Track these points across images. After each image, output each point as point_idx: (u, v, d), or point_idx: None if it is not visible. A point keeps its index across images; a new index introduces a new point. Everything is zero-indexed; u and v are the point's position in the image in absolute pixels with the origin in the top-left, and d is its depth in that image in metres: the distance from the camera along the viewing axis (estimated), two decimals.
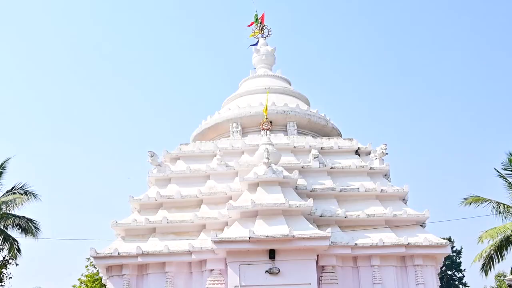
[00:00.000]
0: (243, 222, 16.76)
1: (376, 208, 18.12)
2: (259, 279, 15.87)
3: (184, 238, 17.38)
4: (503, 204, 26.07)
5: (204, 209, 18.09)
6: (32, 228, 26.24)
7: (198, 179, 19.18)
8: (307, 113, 22.23)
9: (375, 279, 16.77)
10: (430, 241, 17.07)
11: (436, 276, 17.46)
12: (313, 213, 17.37)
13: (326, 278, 16.47)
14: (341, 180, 18.97)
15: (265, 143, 18.63)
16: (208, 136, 22.68)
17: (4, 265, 26.42)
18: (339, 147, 20.22)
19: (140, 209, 18.70)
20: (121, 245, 17.50)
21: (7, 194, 26.74)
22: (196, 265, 17.04)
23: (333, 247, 16.52)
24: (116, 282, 17.10)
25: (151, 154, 19.56)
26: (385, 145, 19.76)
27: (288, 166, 18.84)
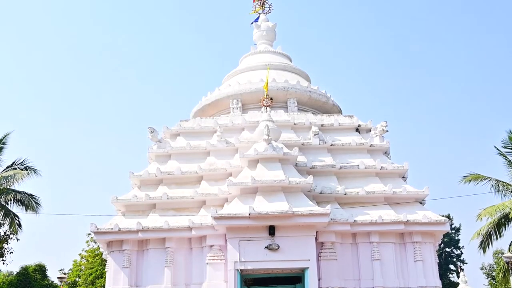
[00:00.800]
0: (243, 198, 16.80)
1: (376, 185, 18.16)
2: (258, 255, 15.96)
3: (184, 214, 17.45)
4: (503, 182, 26.19)
5: (204, 185, 18.13)
6: (32, 204, 26.39)
7: (198, 156, 19.19)
8: (308, 90, 22.15)
9: (374, 255, 16.88)
10: (429, 218, 17.14)
11: (434, 253, 17.57)
12: (313, 190, 17.41)
13: (325, 254, 16.57)
14: (341, 157, 18.98)
15: (266, 120, 18.60)
16: (208, 112, 22.64)
17: (5, 240, 26.62)
18: (340, 124, 20.19)
19: (140, 185, 18.74)
20: (121, 220, 17.57)
21: (7, 169, 26.83)
22: (196, 241, 17.13)
23: (333, 223, 16.59)
24: (116, 258, 17.20)
25: (151, 130, 19.54)
26: (386, 122, 19.72)
27: (288, 143, 18.84)
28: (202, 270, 16.70)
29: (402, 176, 19.07)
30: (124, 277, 16.89)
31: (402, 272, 17.02)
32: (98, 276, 36.99)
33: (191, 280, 16.82)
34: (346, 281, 16.60)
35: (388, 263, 16.92)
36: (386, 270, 16.81)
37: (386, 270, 16.80)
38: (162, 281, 16.69)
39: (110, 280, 17.16)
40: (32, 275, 34.41)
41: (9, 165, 27.02)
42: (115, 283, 16.96)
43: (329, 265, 16.47)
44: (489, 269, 51.70)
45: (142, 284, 16.92)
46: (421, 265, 16.99)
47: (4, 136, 27.47)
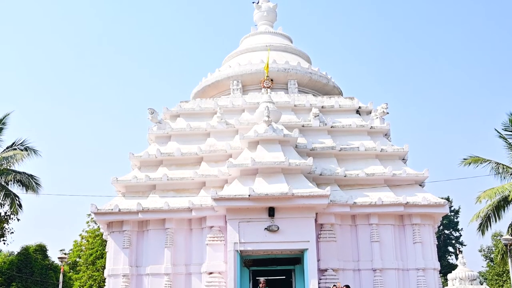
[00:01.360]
0: (243, 180, 16.81)
1: (376, 167, 18.16)
2: (258, 236, 16.01)
3: (184, 195, 17.47)
4: (502, 165, 26.13)
5: (204, 166, 18.13)
6: (33, 184, 26.37)
7: (198, 137, 19.17)
8: (308, 71, 22.05)
9: (373, 237, 16.94)
10: (428, 200, 17.17)
11: (433, 235, 17.63)
12: (313, 172, 17.41)
13: (324, 236, 16.63)
14: (341, 139, 18.96)
15: (266, 101, 18.54)
16: (208, 93, 22.56)
17: (6, 220, 26.67)
18: (340, 106, 20.13)
19: (140, 166, 18.74)
20: (121, 201, 17.60)
21: (7, 149, 26.77)
22: (196, 222, 17.18)
23: (332, 205, 16.62)
24: (116, 238, 17.27)
25: (151, 111, 19.48)
26: (386, 104, 19.66)
27: (289, 124, 18.80)
28: (202, 251, 16.78)
29: (402, 158, 19.07)
30: (124, 257, 16.98)
31: (401, 253, 17.10)
32: (99, 256, 37.16)
33: (191, 260, 16.91)
34: (345, 263, 16.68)
35: (387, 244, 16.99)
36: (385, 251, 16.89)
37: (385, 252, 16.88)
38: (162, 262, 16.78)
39: (110, 260, 17.26)
40: (33, 255, 34.58)
41: (9, 146, 26.95)
42: (115, 263, 17.05)
43: (329, 246, 16.54)
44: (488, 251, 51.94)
45: (142, 265, 17.01)
46: (420, 247, 17.07)
47: (4, 116, 27.35)
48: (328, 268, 16.34)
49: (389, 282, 16.62)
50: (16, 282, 32.29)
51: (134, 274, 16.94)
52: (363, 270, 16.77)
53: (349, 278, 16.36)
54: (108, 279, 17.16)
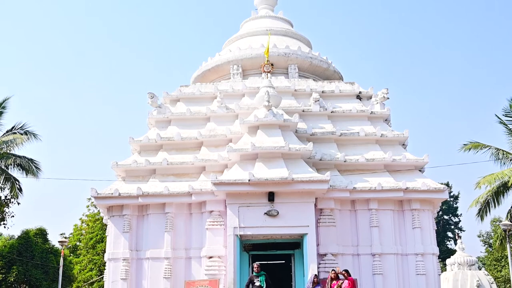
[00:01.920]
0: (242, 164, 16.82)
1: (376, 152, 18.16)
2: (258, 221, 16.06)
3: (184, 179, 17.48)
4: (502, 151, 26.13)
5: (204, 151, 18.12)
6: (33, 168, 26.40)
7: (198, 121, 19.14)
8: (309, 56, 21.96)
9: (372, 222, 16.98)
10: (428, 186, 17.18)
11: (432, 220, 17.67)
12: (313, 157, 17.41)
13: (324, 220, 16.67)
14: (342, 124, 18.93)
15: (266, 86, 18.48)
16: (209, 78, 22.49)
17: (6, 204, 26.72)
18: (340, 91, 20.08)
19: (140, 151, 18.74)
20: (121, 185, 17.62)
21: (7, 133, 26.76)
22: (196, 206, 17.21)
23: (332, 190, 16.64)
24: (117, 222, 17.32)
25: (151, 95, 19.42)
26: (387, 89, 19.60)
27: (289, 109, 18.76)
28: (202, 235, 16.84)
29: (402, 143, 19.06)
30: (124, 241, 17.04)
31: (400, 238, 17.15)
32: (99, 240, 37.29)
33: (190, 245, 16.97)
34: (345, 247, 16.73)
35: (387, 229, 17.04)
36: (385, 236, 16.94)
37: (384, 237, 16.93)
38: (162, 246, 16.84)
39: (110, 244, 17.32)
40: (33, 239, 34.63)
41: (9, 130, 26.93)
42: (115, 247, 17.12)
43: (328, 231, 16.58)
44: (487, 237, 52.14)
45: (142, 249, 17.07)
46: (419, 232, 17.12)
47: (4, 100, 27.30)
48: (327, 252, 16.40)
49: (388, 267, 16.68)
50: (16, 266, 32.38)
51: (134, 258, 17.00)
52: (362, 255, 16.84)
53: (348, 263, 16.42)
54: (108, 263, 17.24)
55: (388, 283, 16.56)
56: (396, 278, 16.66)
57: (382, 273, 16.58)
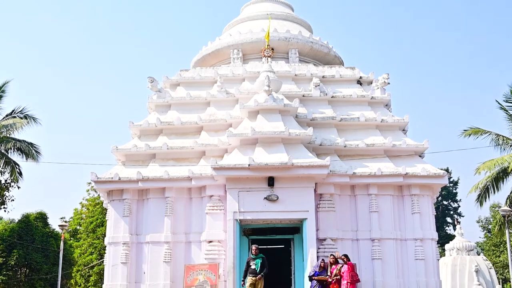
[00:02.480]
0: (242, 149, 16.80)
1: (376, 137, 18.13)
2: (257, 206, 16.09)
3: (184, 164, 17.48)
4: (502, 136, 26.12)
5: (204, 136, 18.10)
6: (32, 152, 26.40)
7: (198, 106, 19.09)
8: (309, 41, 21.85)
9: (372, 207, 17.00)
10: (427, 171, 17.18)
11: (432, 205, 17.69)
12: (313, 142, 17.39)
13: (323, 205, 16.69)
14: (342, 109, 18.88)
15: (266, 71, 18.41)
16: (209, 62, 22.39)
17: (6, 188, 26.75)
18: (341, 76, 20.00)
19: (140, 135, 18.71)
20: (121, 170, 17.62)
21: (6, 117, 26.73)
22: (196, 191, 17.23)
23: (332, 175, 16.64)
24: (117, 206, 17.34)
25: (151, 79, 19.35)
26: (387, 74, 19.52)
27: (289, 94, 18.71)
28: (202, 219, 16.87)
29: (403, 129, 19.02)
30: (124, 225, 17.07)
31: (400, 224, 17.18)
32: (99, 224, 37.38)
33: (190, 229, 17.01)
34: (344, 232, 16.77)
35: (386, 215, 17.06)
36: (384, 221, 16.97)
37: (383, 222, 16.96)
38: (162, 230, 16.88)
39: (110, 228, 17.36)
40: (34, 223, 34.76)
41: (8, 114, 26.89)
42: (115, 232, 17.16)
43: (328, 216, 16.61)
44: (485, 222, 52.33)
45: (142, 233, 17.12)
46: (418, 218, 17.14)
47: (3, 84, 27.22)
48: (326, 237, 16.44)
49: (387, 251, 16.73)
50: (17, 249, 32.55)
51: (134, 242, 17.05)
52: (361, 239, 16.87)
53: (348, 248, 16.47)
54: (108, 247, 17.29)
55: (387, 267, 16.62)
56: (395, 263, 16.71)
57: (381, 258, 16.63)
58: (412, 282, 16.64)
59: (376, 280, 16.42)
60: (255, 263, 15.00)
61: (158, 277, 16.61)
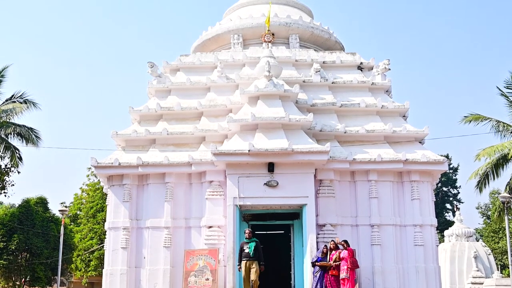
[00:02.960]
0: (242, 135, 16.79)
1: (376, 124, 18.10)
2: (257, 191, 16.10)
3: (184, 149, 17.48)
4: (503, 123, 26.12)
5: (204, 121, 18.08)
6: (32, 137, 26.40)
7: (198, 91, 19.04)
8: (310, 26, 21.75)
9: (372, 193, 17.01)
10: (427, 157, 17.17)
11: (431, 191, 17.70)
12: (313, 128, 17.36)
13: (323, 191, 16.70)
14: (342, 95, 18.83)
15: (267, 56, 18.34)
16: (209, 47, 22.30)
17: (6, 172, 26.78)
18: (342, 62, 19.93)
19: (140, 120, 18.69)
20: (121, 155, 17.62)
21: (6, 102, 26.69)
22: (196, 176, 17.24)
23: (332, 161, 16.63)
24: (117, 192, 17.36)
25: (150, 64, 19.28)
26: (388, 60, 19.45)
27: (289, 79, 18.65)
28: (202, 205, 16.90)
29: (403, 115, 18.99)
30: (124, 210, 17.10)
31: (399, 210, 17.20)
32: (99, 209, 37.49)
33: (190, 214, 17.04)
34: (344, 218, 16.80)
35: (386, 201, 17.08)
36: (383, 208, 16.99)
37: (383, 208, 16.98)
38: (162, 215, 16.90)
39: (110, 213, 17.39)
40: (34, 208, 34.81)
41: (8, 98, 26.84)
42: (115, 217, 17.19)
43: (327, 202, 16.63)
44: (485, 209, 52.45)
45: (142, 218, 17.14)
46: (418, 204, 17.16)
47: (3, 69, 27.14)
48: (326, 223, 16.47)
49: (386, 237, 16.76)
50: (17, 234, 32.64)
51: (134, 227, 17.08)
52: (361, 225, 16.90)
53: (347, 234, 16.50)
54: (108, 232, 17.33)
55: (386, 253, 16.66)
56: (394, 248, 16.75)
57: (380, 243, 16.67)
58: (411, 268, 16.70)
59: (375, 266, 16.48)
60: (249, 247, 15.04)
61: (158, 262, 16.67)
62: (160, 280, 16.47)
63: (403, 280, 16.59)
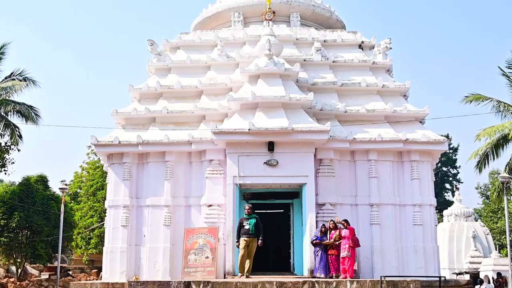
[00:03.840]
0: (243, 114, 16.74)
1: (377, 103, 18.04)
2: (257, 170, 16.11)
3: (184, 128, 17.44)
4: (504, 103, 26.01)
5: (204, 100, 18.02)
6: (32, 115, 26.30)
7: (198, 70, 18.95)
8: (311, 4, 21.56)
9: (371, 173, 17.02)
10: (427, 137, 17.15)
11: (431, 171, 17.73)
12: (313, 107, 17.31)
13: (323, 171, 16.71)
14: (343, 74, 18.74)
15: (267, 34, 18.22)
16: (209, 25, 22.12)
17: (6, 150, 26.76)
18: (343, 40, 19.79)
19: (140, 99, 18.63)
20: (121, 133, 17.60)
21: (6, 80, 26.52)
22: (196, 155, 17.23)
23: (332, 141, 16.61)
24: (117, 170, 17.37)
25: (150, 42, 19.15)
26: (389, 39, 19.31)
27: (290, 58, 18.55)
28: (201, 184, 16.92)
29: (404, 94, 18.92)
30: (124, 189, 17.13)
31: (399, 189, 17.24)
32: (99, 187, 37.56)
33: (190, 193, 17.07)
34: (343, 197, 16.84)
35: (385, 180, 17.10)
36: (383, 187, 17.03)
37: (382, 188, 17.02)
38: (162, 194, 16.94)
39: (111, 191, 17.43)
40: (34, 186, 34.84)
41: (7, 76, 26.64)
42: (115, 195, 17.23)
43: (327, 181, 16.65)
44: (484, 189, 52.59)
45: (142, 196, 17.18)
46: (418, 183, 17.19)
47: (2, 46, 26.92)
48: (326, 202, 16.51)
49: (385, 217, 16.83)
50: (18, 212, 32.73)
51: (135, 205, 17.13)
52: (360, 205, 16.95)
53: (347, 213, 16.56)
54: (109, 210, 17.39)
55: (385, 233, 16.74)
56: (393, 228, 16.82)
57: (379, 223, 16.73)
58: (410, 247, 16.79)
59: (374, 245, 16.56)
60: (249, 223, 15.03)
61: (158, 240, 16.74)
62: (160, 258, 16.56)
63: (402, 259, 16.69)
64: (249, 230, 14.97)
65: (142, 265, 16.76)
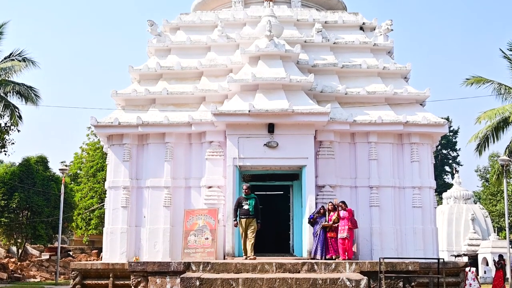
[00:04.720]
0: (243, 95, 16.69)
1: (377, 85, 17.97)
2: (257, 152, 16.10)
3: (184, 109, 17.40)
4: (505, 86, 25.98)
5: (204, 81, 17.95)
6: (32, 96, 26.29)
7: (199, 51, 18.84)
8: None
9: (371, 155, 17.02)
10: (428, 120, 17.12)
11: (431, 154, 17.71)
12: (314, 89, 17.26)
13: (323, 153, 16.70)
14: (344, 56, 18.64)
15: (268, 15, 18.09)
16: (209, 5, 21.94)
17: (6, 131, 26.77)
18: (344, 22, 19.66)
19: (140, 80, 18.56)
20: (121, 115, 17.56)
21: (5, 60, 26.45)
22: (196, 136, 17.21)
23: (332, 123, 16.58)
24: (117, 151, 17.36)
25: (150, 23, 19.02)
26: (391, 21, 19.17)
27: (291, 39, 18.43)
28: (201, 165, 16.92)
29: (404, 77, 18.84)
30: (124, 170, 17.14)
31: (398, 172, 17.24)
32: (99, 169, 37.67)
33: (190, 174, 17.08)
34: (343, 180, 16.85)
35: (385, 163, 17.10)
36: (383, 169, 17.03)
37: (382, 170, 17.02)
38: (162, 175, 16.95)
39: (111, 173, 17.44)
40: (34, 167, 34.94)
41: (7, 56, 26.58)
42: (115, 176, 17.24)
43: (327, 163, 16.64)
44: (484, 172, 52.73)
45: (142, 177, 17.19)
46: (417, 166, 17.19)
47: (1, 25, 26.80)
48: (325, 184, 16.52)
49: (385, 199, 16.85)
50: (18, 192, 32.85)
51: (135, 186, 17.15)
52: (360, 187, 16.96)
53: (346, 195, 16.58)
54: (109, 191, 17.41)
55: (385, 215, 16.77)
56: (392, 210, 16.86)
57: (379, 205, 16.76)
58: (409, 229, 16.83)
59: (373, 227, 16.61)
60: (248, 203, 14.99)
61: (158, 221, 16.79)
62: (160, 239, 16.62)
63: (401, 241, 16.75)
64: (248, 210, 14.96)
65: (142, 246, 16.82)
